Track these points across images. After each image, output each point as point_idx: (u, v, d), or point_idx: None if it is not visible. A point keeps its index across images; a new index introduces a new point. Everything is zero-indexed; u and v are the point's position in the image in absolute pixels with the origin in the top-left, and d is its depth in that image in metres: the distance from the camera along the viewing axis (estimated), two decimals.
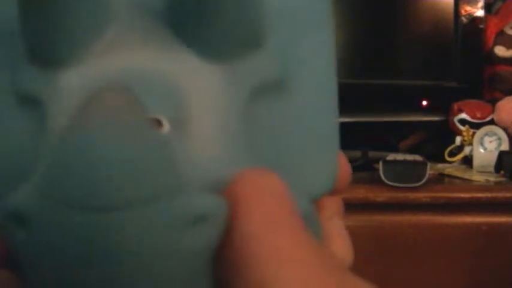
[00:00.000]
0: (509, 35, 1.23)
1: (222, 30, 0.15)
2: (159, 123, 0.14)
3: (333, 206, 0.19)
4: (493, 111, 1.13)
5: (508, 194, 0.94)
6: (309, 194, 0.17)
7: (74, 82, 0.15)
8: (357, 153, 1.08)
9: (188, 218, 0.13)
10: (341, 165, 0.18)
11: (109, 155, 0.12)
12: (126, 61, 0.15)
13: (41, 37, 0.15)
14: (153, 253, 0.12)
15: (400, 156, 1.00)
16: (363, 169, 1.04)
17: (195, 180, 0.14)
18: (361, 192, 0.92)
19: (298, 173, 0.17)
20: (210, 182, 0.14)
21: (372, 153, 1.06)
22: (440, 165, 1.09)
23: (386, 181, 0.94)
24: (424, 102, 1.19)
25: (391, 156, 0.99)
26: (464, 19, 1.26)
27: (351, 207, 0.95)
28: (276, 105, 0.16)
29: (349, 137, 1.27)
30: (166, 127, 0.14)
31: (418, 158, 0.99)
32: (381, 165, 0.95)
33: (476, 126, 1.12)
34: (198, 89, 0.15)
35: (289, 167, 0.16)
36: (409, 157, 1.00)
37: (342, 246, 0.18)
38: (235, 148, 0.15)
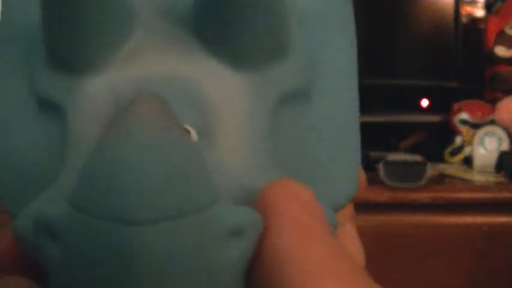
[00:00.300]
0: (509, 35, 1.23)
1: (249, 39, 0.15)
2: (187, 132, 0.14)
3: (346, 212, 0.18)
4: (493, 111, 1.13)
5: (509, 194, 0.94)
6: (333, 204, 0.17)
7: (97, 89, 0.15)
8: None
9: (223, 232, 0.13)
10: (360, 173, 0.18)
11: (146, 168, 0.12)
12: (151, 69, 0.15)
13: (64, 43, 0.15)
14: (188, 267, 0.12)
15: (400, 157, 1.00)
16: (363, 169, 1.03)
17: (225, 191, 0.13)
18: (361, 193, 0.92)
19: (322, 183, 0.16)
20: (239, 192, 0.14)
21: (372, 154, 1.06)
22: (440, 166, 1.09)
23: (386, 181, 0.94)
24: (424, 102, 1.19)
25: (391, 157, 0.98)
26: (464, 19, 1.26)
27: None
28: (299, 114, 0.16)
29: None
30: (194, 137, 0.14)
31: (418, 158, 0.99)
32: (381, 166, 0.95)
33: (476, 126, 1.12)
34: (224, 98, 0.15)
35: (313, 177, 0.16)
36: (410, 157, 0.99)
37: (356, 253, 0.18)
38: (261, 158, 0.15)
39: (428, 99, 1.18)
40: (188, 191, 0.12)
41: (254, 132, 0.15)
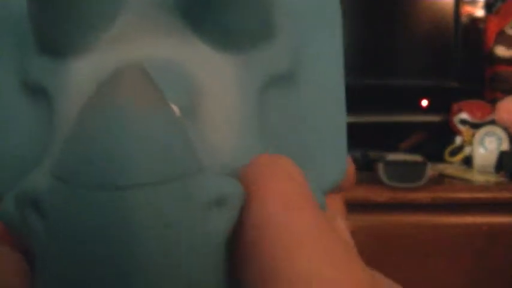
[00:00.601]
0: (509, 35, 1.23)
1: (234, 20, 0.15)
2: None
3: (336, 206, 0.18)
4: (493, 111, 1.13)
5: (509, 194, 0.94)
6: (321, 186, 0.17)
7: (83, 70, 0.15)
8: (357, 153, 1.07)
9: (207, 199, 0.13)
10: (348, 163, 0.18)
11: (129, 136, 0.12)
12: (136, 51, 0.15)
13: (50, 26, 0.15)
14: (170, 233, 0.12)
15: (400, 157, 1.00)
16: (363, 169, 1.04)
17: (210, 165, 0.14)
18: (361, 192, 0.92)
19: (310, 164, 0.16)
20: (224, 167, 0.14)
21: (372, 154, 1.06)
22: (440, 166, 1.09)
23: (386, 181, 0.94)
24: (424, 102, 1.19)
25: (391, 157, 0.98)
26: (464, 19, 1.26)
27: (351, 207, 0.95)
28: (286, 100, 0.16)
29: (349, 137, 1.28)
30: (177, 114, 0.14)
31: (418, 158, 0.99)
32: (381, 166, 0.95)
33: (476, 126, 1.12)
34: (210, 79, 0.15)
35: (300, 160, 0.15)
36: (409, 157, 0.99)
37: None
38: (247, 139, 0.15)
39: (428, 99, 1.18)
40: (171, 158, 0.12)
41: (240, 114, 0.15)
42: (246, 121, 0.15)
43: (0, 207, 0.14)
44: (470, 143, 1.11)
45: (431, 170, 0.98)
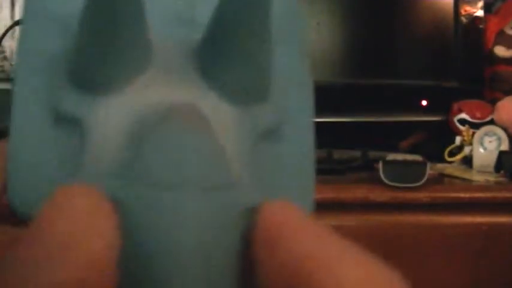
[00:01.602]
0: (509, 35, 1.23)
1: (241, 80, 0.19)
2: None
3: None
4: (493, 111, 1.13)
5: (508, 194, 0.94)
6: None
7: (117, 107, 0.18)
8: (357, 153, 1.08)
9: (243, 209, 0.16)
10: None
11: (192, 150, 0.16)
12: (162, 94, 0.18)
13: (93, 67, 0.18)
14: (211, 233, 0.15)
15: (400, 156, 1.00)
16: (363, 169, 1.04)
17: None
18: (361, 192, 0.92)
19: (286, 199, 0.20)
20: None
21: (372, 153, 1.06)
22: (440, 165, 1.09)
23: (386, 181, 0.94)
24: (424, 102, 1.19)
25: (391, 156, 0.99)
26: (464, 19, 1.26)
27: (351, 207, 0.95)
28: (271, 149, 0.20)
29: (349, 137, 1.27)
30: None
31: (418, 158, 0.99)
32: (380, 165, 0.95)
33: (476, 126, 1.12)
34: (220, 124, 0.18)
35: (278, 195, 0.18)
36: (409, 157, 1.00)
37: None
38: (247, 175, 0.18)
39: (428, 99, 1.18)
40: (221, 171, 0.16)
41: (243, 156, 0.19)
42: (247, 164, 0.18)
43: None
44: (470, 143, 1.11)
45: (431, 170, 0.98)
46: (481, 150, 1.09)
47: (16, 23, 1.15)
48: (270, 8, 0.18)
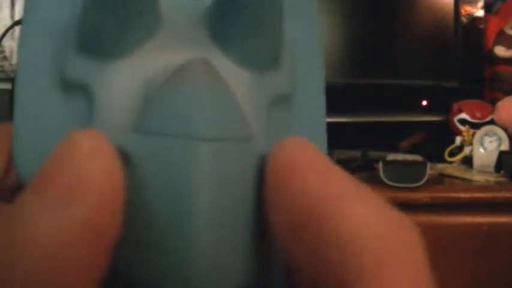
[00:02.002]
0: (509, 35, 1.23)
1: (253, 46, 0.19)
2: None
3: None
4: (493, 111, 1.13)
5: (508, 194, 0.94)
6: None
7: (126, 71, 0.18)
8: (357, 153, 1.08)
9: (257, 162, 0.16)
10: None
11: (206, 101, 0.16)
12: (172, 59, 0.18)
13: (103, 31, 0.18)
14: (228, 183, 0.15)
15: (400, 156, 1.00)
16: (363, 169, 1.04)
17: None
18: None
19: None
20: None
21: (372, 153, 1.06)
22: (440, 166, 1.09)
23: (386, 181, 0.94)
24: (424, 102, 1.19)
25: (391, 157, 0.99)
26: (464, 19, 1.26)
27: None
28: (283, 116, 0.20)
29: (349, 137, 1.28)
30: None
31: (418, 158, 0.99)
32: (380, 166, 0.95)
33: (476, 126, 1.12)
34: (233, 85, 0.18)
35: None
36: (409, 157, 1.00)
37: None
38: (263, 136, 0.18)
39: (428, 99, 1.18)
40: (236, 123, 0.16)
41: (255, 117, 0.18)
42: (258, 123, 0.18)
43: None
44: (470, 143, 1.11)
45: (431, 170, 0.98)
46: (481, 150, 1.09)
47: (16, 23, 1.15)
48: None
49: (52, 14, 0.19)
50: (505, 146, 1.09)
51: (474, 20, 1.29)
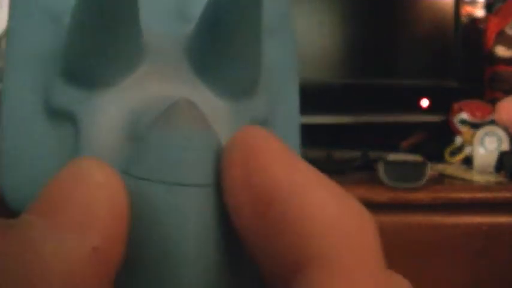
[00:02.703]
0: (509, 35, 1.23)
1: (233, 75, 0.19)
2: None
3: None
4: (493, 111, 1.13)
5: (509, 194, 0.94)
6: None
7: (110, 102, 0.18)
8: (357, 153, 1.08)
9: None
10: None
11: (191, 145, 0.16)
12: (156, 90, 0.18)
13: (86, 62, 0.18)
14: (212, 231, 0.16)
15: (400, 157, 1.00)
16: (362, 169, 1.04)
17: None
18: (361, 192, 0.92)
19: None
20: None
21: (372, 153, 1.06)
22: (440, 166, 1.09)
23: (386, 181, 0.94)
24: (424, 102, 1.19)
25: (391, 157, 0.98)
26: (464, 19, 1.26)
27: None
28: None
29: (349, 137, 1.27)
30: None
31: (418, 158, 0.99)
32: (381, 166, 0.95)
33: (476, 126, 1.12)
34: (214, 119, 0.18)
35: None
36: (409, 157, 1.00)
37: None
38: None
39: (428, 99, 1.18)
40: (216, 167, 0.16)
41: None
42: None
43: None
44: (470, 143, 1.11)
45: (431, 170, 0.98)
46: (482, 150, 1.09)
47: None
48: (261, 5, 0.18)
49: (36, 42, 0.19)
50: (505, 146, 1.09)
51: (474, 20, 1.29)
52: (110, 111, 0.18)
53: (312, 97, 1.18)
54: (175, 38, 0.20)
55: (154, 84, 0.18)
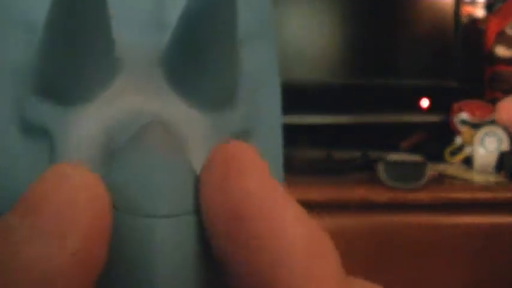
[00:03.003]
0: (509, 35, 1.23)
1: (208, 87, 0.19)
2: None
3: None
4: (493, 111, 1.13)
5: (509, 194, 0.94)
6: None
7: (84, 119, 0.18)
8: (357, 153, 1.08)
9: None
10: None
11: (163, 176, 0.16)
12: (131, 105, 0.18)
13: (58, 78, 0.18)
14: (185, 258, 0.16)
15: (400, 157, 1.00)
16: (363, 169, 1.04)
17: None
18: (361, 193, 0.92)
19: None
20: None
21: (372, 153, 1.06)
22: (440, 166, 1.09)
23: (386, 181, 0.94)
24: (424, 102, 1.19)
25: (391, 157, 0.98)
26: (464, 19, 1.26)
27: (351, 207, 0.95)
28: None
29: (349, 137, 1.27)
30: None
31: (418, 158, 0.99)
32: (381, 166, 0.95)
33: (476, 126, 1.12)
34: (189, 132, 0.18)
35: None
36: (409, 157, 1.00)
37: None
38: None
39: (428, 99, 1.18)
40: (191, 197, 0.16)
41: None
42: None
43: None
44: (471, 143, 1.11)
45: (431, 170, 0.98)
46: (482, 150, 1.09)
47: None
48: (236, 14, 0.18)
49: (7, 53, 0.19)
50: (505, 146, 1.09)
51: (474, 20, 1.29)
52: (84, 128, 0.18)
53: (312, 97, 1.18)
54: (151, 47, 0.19)
55: (129, 99, 0.18)
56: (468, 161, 1.11)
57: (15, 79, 0.18)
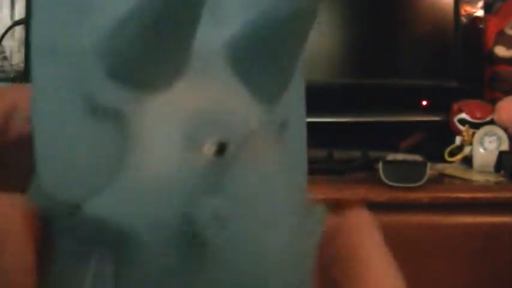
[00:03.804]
0: (509, 35, 1.23)
1: (272, 81, 0.20)
2: (224, 146, 0.19)
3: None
4: (493, 111, 1.13)
5: (508, 194, 0.94)
6: None
7: (164, 109, 0.19)
8: (357, 153, 1.08)
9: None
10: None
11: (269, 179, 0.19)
12: (201, 96, 0.19)
13: (137, 64, 0.18)
14: (294, 265, 0.19)
15: (400, 156, 1.00)
16: (363, 169, 1.04)
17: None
18: (361, 192, 0.92)
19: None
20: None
21: (372, 153, 1.06)
22: (440, 165, 1.09)
23: (386, 181, 0.94)
24: (424, 102, 1.19)
25: (391, 157, 0.99)
26: (464, 19, 1.26)
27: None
28: (281, 141, 0.21)
29: (349, 137, 1.27)
30: (230, 150, 0.19)
31: (418, 158, 0.99)
32: (380, 165, 0.95)
33: (476, 126, 1.12)
34: (249, 122, 0.20)
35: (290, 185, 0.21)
36: (409, 157, 1.00)
37: None
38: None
39: (428, 99, 1.18)
40: (301, 201, 0.20)
41: (269, 151, 0.20)
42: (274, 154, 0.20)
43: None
44: (470, 143, 1.11)
45: (431, 170, 0.98)
46: (481, 150, 1.09)
47: (16, 23, 1.15)
48: (311, 26, 0.19)
49: (65, 36, 0.19)
50: (505, 146, 1.09)
51: (474, 20, 1.29)
52: (161, 112, 0.18)
53: (312, 97, 1.18)
54: (209, 40, 0.20)
55: (197, 89, 0.19)
56: (468, 161, 1.11)
57: (75, 60, 0.19)
